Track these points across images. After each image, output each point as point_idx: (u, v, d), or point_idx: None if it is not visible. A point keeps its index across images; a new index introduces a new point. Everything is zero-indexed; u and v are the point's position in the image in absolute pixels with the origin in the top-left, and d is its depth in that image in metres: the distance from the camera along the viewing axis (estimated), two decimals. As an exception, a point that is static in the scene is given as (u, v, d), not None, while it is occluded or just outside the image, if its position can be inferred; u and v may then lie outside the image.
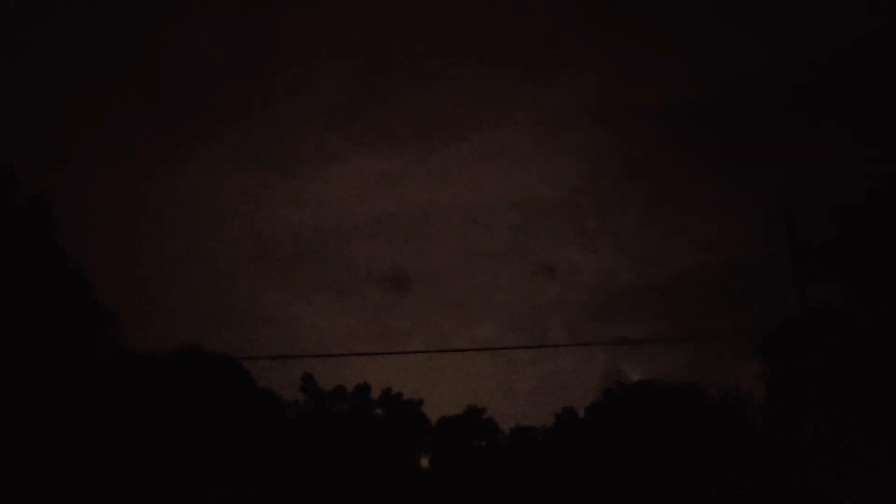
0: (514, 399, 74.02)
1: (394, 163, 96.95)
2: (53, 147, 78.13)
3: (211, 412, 38.99)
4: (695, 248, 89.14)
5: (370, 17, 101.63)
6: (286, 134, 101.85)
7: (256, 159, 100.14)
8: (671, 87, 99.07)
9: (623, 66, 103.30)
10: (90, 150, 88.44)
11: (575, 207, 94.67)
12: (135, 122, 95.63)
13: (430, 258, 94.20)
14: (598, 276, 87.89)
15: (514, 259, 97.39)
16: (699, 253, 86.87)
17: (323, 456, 50.91)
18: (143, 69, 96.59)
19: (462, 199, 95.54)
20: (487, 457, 61.15)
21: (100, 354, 32.10)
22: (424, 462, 61.70)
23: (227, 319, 73.90)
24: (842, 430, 25.24)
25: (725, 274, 71.25)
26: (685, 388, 49.20)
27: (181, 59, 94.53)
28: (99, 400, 30.43)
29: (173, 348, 41.92)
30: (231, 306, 79.49)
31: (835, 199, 28.39)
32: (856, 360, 26.36)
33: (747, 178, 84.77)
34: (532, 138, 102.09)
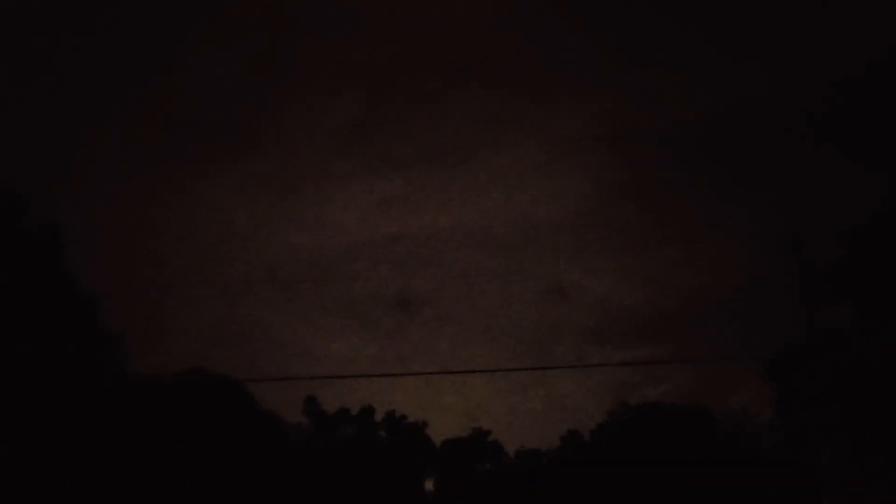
0: (519, 421, 73.55)
1: (398, 186, 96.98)
2: (60, 170, 78.27)
3: (213, 434, 38.81)
4: (701, 270, 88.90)
5: (374, 42, 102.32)
6: (291, 159, 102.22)
7: (261, 184, 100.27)
8: (676, 111, 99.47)
9: (627, 90, 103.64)
10: (96, 173, 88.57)
11: (580, 230, 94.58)
12: (141, 145, 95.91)
13: (434, 281, 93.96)
14: (605, 299, 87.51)
15: (519, 281, 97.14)
16: (706, 275, 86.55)
17: (326, 479, 50.55)
18: (150, 94, 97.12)
19: (466, 221, 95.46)
20: (492, 479, 60.67)
21: (103, 378, 32.04)
22: (429, 485, 61.23)
23: (231, 342, 73.63)
24: (855, 455, 25.06)
25: (733, 296, 71.05)
26: (692, 410, 48.96)
27: (187, 83, 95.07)
28: (101, 423, 30.33)
29: (177, 370, 41.84)
30: (235, 328, 79.19)
31: (842, 221, 28.40)
32: (866, 382, 26.22)
33: (754, 200, 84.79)
34: (535, 162, 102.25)
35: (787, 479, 32.76)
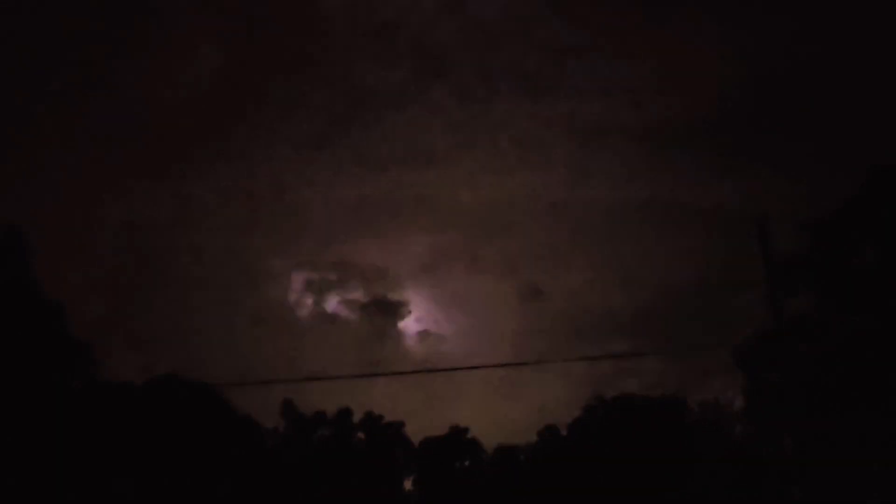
0: (497, 417, 73.85)
1: (372, 188, 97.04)
2: (28, 178, 77.14)
3: (189, 441, 38.42)
4: (671, 263, 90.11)
5: (350, 42, 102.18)
6: (264, 162, 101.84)
7: (236, 186, 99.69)
8: (644, 106, 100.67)
9: (601, 87, 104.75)
10: (66, 181, 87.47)
11: (557, 228, 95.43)
12: (112, 151, 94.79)
13: (414, 281, 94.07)
14: (579, 295, 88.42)
15: (495, 280, 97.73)
16: (677, 269, 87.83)
17: (305, 482, 50.32)
18: (122, 98, 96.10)
19: (441, 222, 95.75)
20: (470, 476, 60.82)
21: (73, 385, 31.60)
22: (408, 484, 61.25)
23: (206, 346, 73.12)
24: (822, 442, 25.46)
25: (703, 289, 72.13)
26: (665, 401, 49.47)
27: (161, 88, 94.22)
28: (72, 430, 29.92)
29: (149, 377, 41.42)
30: (209, 333, 78.62)
31: (806, 210, 28.85)
32: (832, 370, 26.65)
33: (723, 193, 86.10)
34: (508, 161, 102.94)
35: (758, 466, 33.22)
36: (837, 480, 24.83)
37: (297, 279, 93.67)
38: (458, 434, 62.26)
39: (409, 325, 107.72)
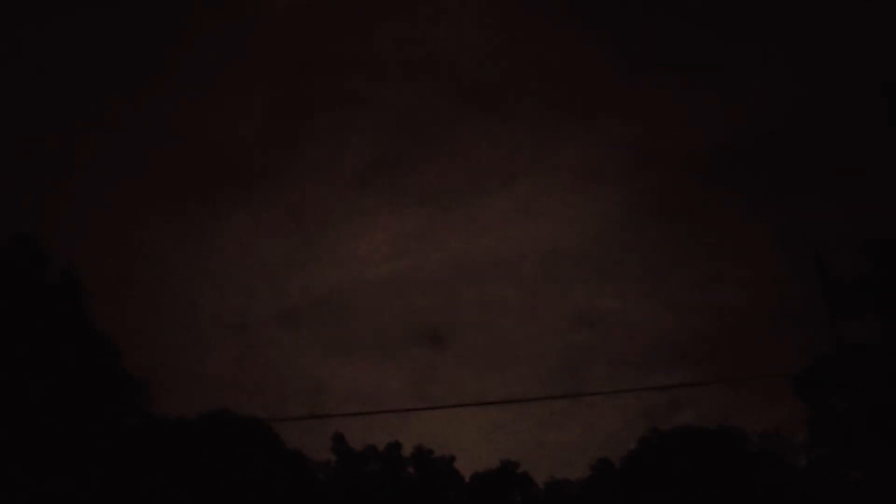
0: (549, 451, 72.42)
1: (421, 220, 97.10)
2: (79, 218, 79.52)
3: (239, 476, 38.62)
4: (729, 291, 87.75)
5: (390, 81, 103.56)
6: (313, 197, 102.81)
7: (285, 221, 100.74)
8: (701, 134, 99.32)
9: (653, 116, 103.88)
10: (116, 220, 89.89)
11: (604, 256, 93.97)
12: (161, 189, 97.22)
13: (463, 312, 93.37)
14: (635, 323, 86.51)
15: (549, 309, 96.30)
16: (734, 296, 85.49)
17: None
18: (171, 136, 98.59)
19: (495, 251, 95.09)
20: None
21: (127, 422, 32.12)
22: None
23: (256, 382, 73.72)
24: (891, 473, 24.30)
25: (761, 316, 69.99)
26: (724, 432, 47.94)
27: (209, 123, 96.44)
28: (127, 466, 30.34)
29: (201, 412, 41.86)
30: (260, 369, 79.22)
31: (865, 233, 27.95)
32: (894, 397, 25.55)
33: (778, 218, 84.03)
34: (564, 188, 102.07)
35: (824, 500, 31.85)
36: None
37: (345, 312, 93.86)
38: (509, 468, 61.32)
39: (460, 355, 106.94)
